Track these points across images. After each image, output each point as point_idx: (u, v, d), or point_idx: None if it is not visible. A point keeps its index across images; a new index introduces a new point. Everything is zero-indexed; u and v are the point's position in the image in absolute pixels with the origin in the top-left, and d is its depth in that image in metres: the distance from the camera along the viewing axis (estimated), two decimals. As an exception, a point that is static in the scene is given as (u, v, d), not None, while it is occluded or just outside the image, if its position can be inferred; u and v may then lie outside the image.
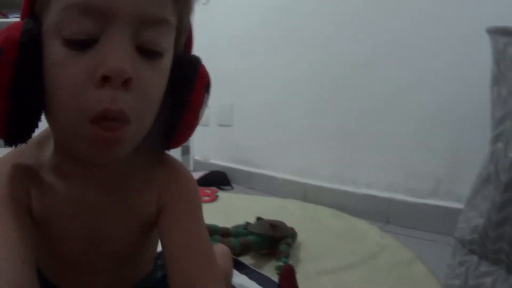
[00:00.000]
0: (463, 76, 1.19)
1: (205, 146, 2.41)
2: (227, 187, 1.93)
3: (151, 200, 0.46)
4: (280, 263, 0.89)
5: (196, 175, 2.05)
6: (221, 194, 1.77)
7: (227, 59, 2.15)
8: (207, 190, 1.75)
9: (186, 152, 2.53)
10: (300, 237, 1.08)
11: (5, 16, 2.34)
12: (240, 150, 2.10)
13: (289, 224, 1.09)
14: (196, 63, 0.44)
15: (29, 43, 0.35)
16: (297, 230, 1.09)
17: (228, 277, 0.68)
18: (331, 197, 1.50)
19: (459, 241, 0.76)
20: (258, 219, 1.07)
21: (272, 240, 0.99)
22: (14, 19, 2.33)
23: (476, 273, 0.68)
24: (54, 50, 0.35)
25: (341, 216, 1.32)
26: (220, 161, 2.22)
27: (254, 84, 2.01)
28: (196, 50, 0.50)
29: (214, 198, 1.68)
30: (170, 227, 0.46)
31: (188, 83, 0.43)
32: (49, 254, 0.48)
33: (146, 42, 0.36)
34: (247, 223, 1.06)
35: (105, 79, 0.34)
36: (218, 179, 1.99)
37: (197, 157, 2.44)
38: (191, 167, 2.43)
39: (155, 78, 0.38)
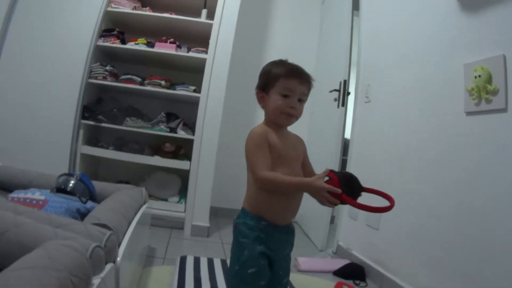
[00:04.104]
0: None
1: (350, 236, 2.63)
2: (362, 283, 2.19)
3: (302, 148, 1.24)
4: None
5: (339, 263, 2.39)
6: (355, 290, 2.04)
7: (379, 166, 2.31)
8: (345, 286, 2.05)
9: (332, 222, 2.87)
10: None
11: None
12: (379, 252, 2.26)
13: None
14: None
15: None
16: None
17: None
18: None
19: None
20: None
21: None
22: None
23: None
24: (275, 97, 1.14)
25: None
26: (360, 255, 2.43)
27: (402, 199, 1.99)
28: (355, 143, 1.08)
29: (348, 293, 1.97)
30: (305, 160, 1.24)
31: None
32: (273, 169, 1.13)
33: (301, 97, 1.14)
34: None
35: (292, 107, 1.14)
36: (356, 272, 2.25)
37: (341, 243, 2.70)
38: (334, 249, 2.75)
39: (302, 108, 1.16)
